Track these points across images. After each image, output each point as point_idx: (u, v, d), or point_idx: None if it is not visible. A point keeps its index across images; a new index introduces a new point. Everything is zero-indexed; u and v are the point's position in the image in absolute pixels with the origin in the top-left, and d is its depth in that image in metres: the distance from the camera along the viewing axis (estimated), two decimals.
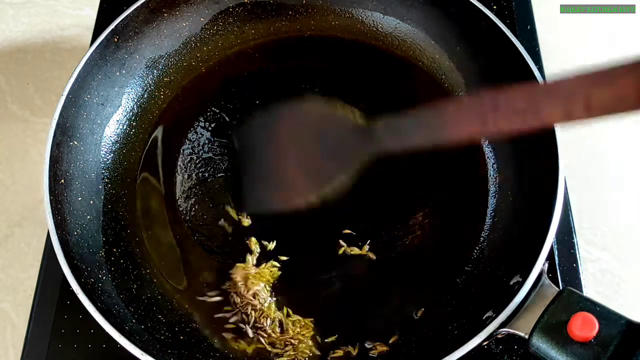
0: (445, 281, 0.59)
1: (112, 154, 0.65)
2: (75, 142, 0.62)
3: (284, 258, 0.60)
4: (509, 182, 0.62)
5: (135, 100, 0.69)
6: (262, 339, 0.56)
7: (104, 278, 0.57)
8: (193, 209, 0.64)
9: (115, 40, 0.66)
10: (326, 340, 0.56)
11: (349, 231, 0.61)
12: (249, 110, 0.69)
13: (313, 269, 0.61)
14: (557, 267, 0.62)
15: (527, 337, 0.47)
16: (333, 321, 0.58)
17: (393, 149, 0.48)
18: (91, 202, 0.61)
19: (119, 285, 0.57)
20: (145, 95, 0.69)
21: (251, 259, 0.60)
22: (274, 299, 0.58)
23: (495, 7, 0.78)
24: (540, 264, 0.50)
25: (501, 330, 0.49)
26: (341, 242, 0.61)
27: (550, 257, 0.61)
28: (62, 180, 0.59)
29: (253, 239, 0.61)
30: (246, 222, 0.62)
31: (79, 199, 0.60)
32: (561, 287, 0.50)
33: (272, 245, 0.61)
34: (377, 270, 0.60)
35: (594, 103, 0.34)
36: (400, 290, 0.59)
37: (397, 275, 0.60)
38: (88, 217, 0.60)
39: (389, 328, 0.57)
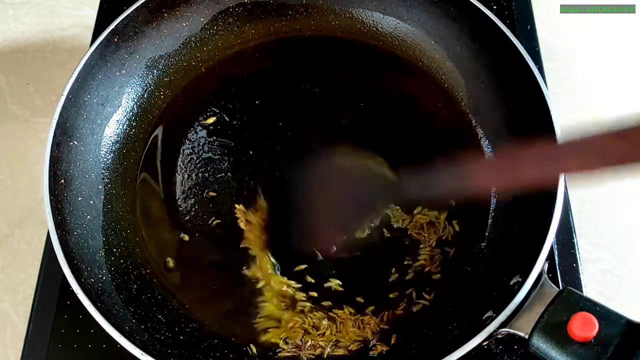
0: (445, 281, 0.59)
1: (112, 154, 0.65)
2: (75, 142, 0.62)
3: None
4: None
5: (135, 100, 0.69)
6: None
7: (104, 278, 0.57)
8: (193, 209, 0.64)
9: (115, 40, 0.66)
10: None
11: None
12: (248, 111, 0.69)
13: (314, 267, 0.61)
14: (557, 267, 0.62)
15: (527, 337, 0.47)
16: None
17: (415, 199, 0.57)
18: (91, 202, 0.61)
19: (119, 285, 0.57)
20: (145, 95, 0.69)
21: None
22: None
23: (495, 7, 0.78)
24: (540, 264, 0.50)
25: (501, 330, 0.49)
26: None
27: (550, 257, 0.61)
28: (62, 180, 0.59)
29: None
30: (249, 221, 0.62)
31: (79, 199, 0.60)
32: (561, 287, 0.50)
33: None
34: (376, 269, 0.60)
35: (609, 154, 0.39)
36: (400, 290, 0.59)
37: (398, 274, 0.60)
38: (88, 217, 0.60)
39: (390, 327, 0.57)
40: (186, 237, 0.62)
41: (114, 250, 0.60)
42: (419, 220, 0.61)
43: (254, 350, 0.56)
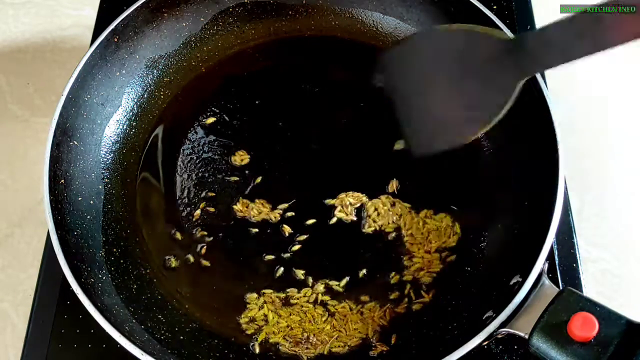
0: (445, 281, 0.59)
1: (112, 154, 0.65)
2: (75, 142, 0.62)
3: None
4: (509, 181, 0.62)
5: (135, 100, 0.69)
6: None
7: (104, 278, 0.57)
8: (193, 209, 0.64)
9: (115, 40, 0.66)
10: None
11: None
12: (248, 111, 0.69)
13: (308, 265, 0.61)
14: (557, 267, 0.62)
15: (527, 337, 0.47)
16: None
17: (550, 66, 0.45)
18: (91, 202, 0.61)
19: (119, 285, 0.57)
20: (145, 95, 0.69)
21: None
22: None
23: (495, 7, 0.78)
24: (540, 264, 0.50)
25: (501, 330, 0.49)
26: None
27: (550, 257, 0.61)
28: (62, 180, 0.59)
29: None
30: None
31: (79, 199, 0.60)
32: (561, 287, 0.50)
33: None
34: (376, 270, 0.60)
35: None
36: (401, 290, 0.59)
37: (398, 276, 0.60)
38: (88, 217, 0.60)
39: (390, 327, 0.57)
40: (184, 238, 0.62)
41: (114, 250, 0.60)
42: (427, 226, 0.61)
43: (255, 349, 0.56)
